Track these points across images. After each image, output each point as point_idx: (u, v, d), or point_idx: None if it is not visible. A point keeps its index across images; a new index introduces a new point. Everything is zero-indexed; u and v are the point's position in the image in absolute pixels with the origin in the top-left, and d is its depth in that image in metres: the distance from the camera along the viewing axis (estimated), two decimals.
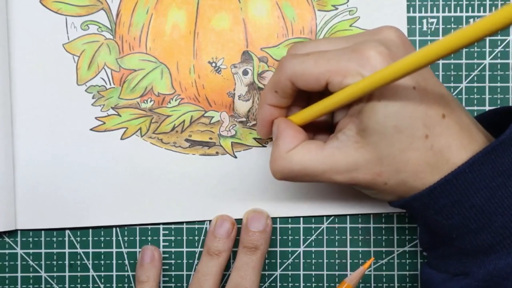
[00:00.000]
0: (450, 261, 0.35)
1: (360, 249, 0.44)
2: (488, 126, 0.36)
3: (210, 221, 0.43)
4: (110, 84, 0.43)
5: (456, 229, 0.34)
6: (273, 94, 0.35)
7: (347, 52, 0.32)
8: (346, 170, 0.33)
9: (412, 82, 0.32)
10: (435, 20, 0.43)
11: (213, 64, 0.43)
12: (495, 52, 0.43)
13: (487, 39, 0.43)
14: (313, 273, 0.44)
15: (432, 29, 0.43)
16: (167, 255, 0.44)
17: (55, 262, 0.44)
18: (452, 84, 0.43)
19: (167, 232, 0.44)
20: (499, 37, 0.43)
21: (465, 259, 0.34)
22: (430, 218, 0.34)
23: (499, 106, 0.38)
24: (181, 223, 0.44)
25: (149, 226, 0.44)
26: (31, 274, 0.44)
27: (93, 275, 0.44)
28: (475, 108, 0.43)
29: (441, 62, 0.43)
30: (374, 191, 0.35)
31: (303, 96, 0.36)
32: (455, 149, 0.32)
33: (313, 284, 0.44)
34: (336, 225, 0.44)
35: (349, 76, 0.32)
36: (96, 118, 0.43)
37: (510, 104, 0.43)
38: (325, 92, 0.34)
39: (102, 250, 0.44)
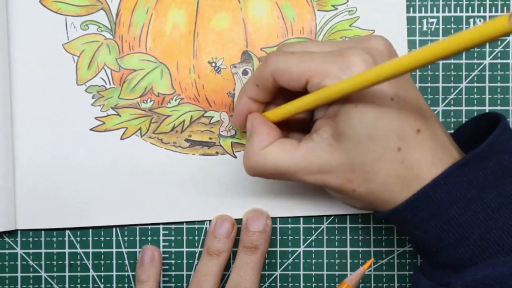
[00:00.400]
0: (435, 270, 0.35)
1: (360, 249, 0.44)
2: (471, 135, 0.37)
3: (210, 221, 0.43)
4: (110, 84, 0.43)
5: (435, 243, 0.34)
6: (254, 87, 0.36)
7: (331, 56, 0.32)
8: (318, 172, 0.34)
9: (391, 93, 0.32)
10: (435, 20, 0.43)
11: (213, 64, 0.43)
12: (495, 52, 0.43)
13: None
14: (313, 273, 0.44)
15: (432, 29, 0.43)
16: (167, 255, 0.44)
17: (55, 262, 0.44)
18: (452, 84, 0.43)
19: (167, 232, 0.44)
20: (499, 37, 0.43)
21: (448, 270, 0.34)
22: (410, 232, 0.35)
23: (483, 113, 0.38)
24: (181, 223, 0.44)
25: (149, 226, 0.44)
26: (31, 274, 0.44)
27: (93, 275, 0.44)
28: (475, 108, 0.43)
29: (441, 62, 0.43)
30: (343, 196, 0.35)
31: (283, 95, 0.37)
32: (426, 166, 0.33)
33: (313, 284, 0.44)
34: (336, 225, 0.44)
35: (328, 78, 0.32)
36: (96, 118, 0.43)
37: (510, 105, 0.43)
38: (305, 92, 0.34)
39: (102, 250, 0.44)
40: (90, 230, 0.44)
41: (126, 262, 0.44)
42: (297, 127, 0.39)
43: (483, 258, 0.32)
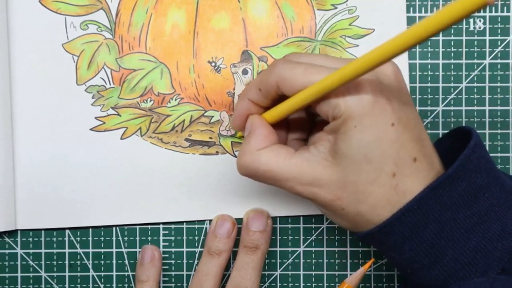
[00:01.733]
0: None
1: (360, 249, 0.44)
2: (448, 150, 0.37)
3: (210, 221, 0.43)
4: (110, 84, 0.43)
5: (410, 264, 0.34)
6: (257, 91, 0.36)
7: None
8: (309, 184, 0.34)
9: (393, 118, 0.32)
10: None
11: (213, 64, 0.43)
12: (495, 52, 0.43)
13: (487, 39, 0.43)
14: (313, 273, 0.44)
15: None
16: (167, 255, 0.44)
17: (55, 262, 0.44)
18: (452, 84, 0.43)
19: (167, 232, 0.44)
20: (499, 37, 0.43)
21: None
22: (385, 253, 0.35)
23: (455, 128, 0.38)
24: (181, 223, 0.44)
25: (149, 226, 0.44)
26: (31, 274, 0.44)
27: (93, 275, 0.44)
28: (475, 108, 0.43)
29: (441, 62, 0.43)
30: (331, 213, 0.35)
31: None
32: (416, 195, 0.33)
33: (313, 284, 0.44)
34: (336, 225, 0.44)
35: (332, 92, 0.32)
36: (96, 118, 0.43)
37: (510, 105, 0.43)
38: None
39: (102, 250, 0.44)
40: (90, 230, 0.44)
41: (126, 262, 0.44)
42: (296, 135, 0.39)
43: (457, 279, 0.33)
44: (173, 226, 0.44)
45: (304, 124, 0.38)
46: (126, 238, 0.44)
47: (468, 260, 0.32)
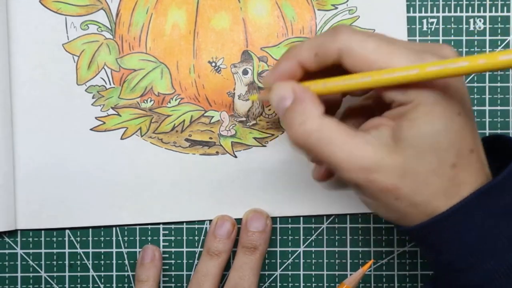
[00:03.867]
0: None
1: (360, 249, 0.44)
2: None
3: (210, 221, 0.43)
4: (110, 84, 0.43)
5: (446, 266, 0.33)
6: (311, 54, 0.32)
7: (411, 54, 0.30)
8: (368, 169, 0.31)
9: (459, 107, 0.31)
10: (435, 20, 0.43)
11: (213, 64, 0.43)
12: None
13: (487, 39, 0.43)
14: (313, 273, 0.44)
15: (432, 29, 0.43)
16: (167, 255, 0.44)
17: (55, 262, 0.44)
18: None
19: (167, 232, 0.44)
20: (499, 37, 0.43)
21: None
22: (423, 251, 0.34)
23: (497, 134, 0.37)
24: (181, 223, 0.44)
25: (149, 226, 0.44)
26: (31, 274, 0.44)
27: (93, 275, 0.44)
28: (475, 108, 0.43)
29: None
30: (379, 204, 0.33)
31: (327, 71, 0.33)
32: (470, 187, 0.31)
33: (313, 284, 0.44)
34: (336, 225, 0.44)
35: None
36: (96, 118, 0.43)
37: (510, 105, 0.43)
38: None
39: (102, 250, 0.44)
40: (90, 230, 0.44)
41: (126, 262, 0.44)
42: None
43: (491, 287, 0.32)
44: (173, 226, 0.44)
45: (336, 99, 0.36)
46: (126, 238, 0.44)
47: (505, 272, 0.31)
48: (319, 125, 0.31)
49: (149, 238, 0.44)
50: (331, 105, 0.35)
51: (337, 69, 0.32)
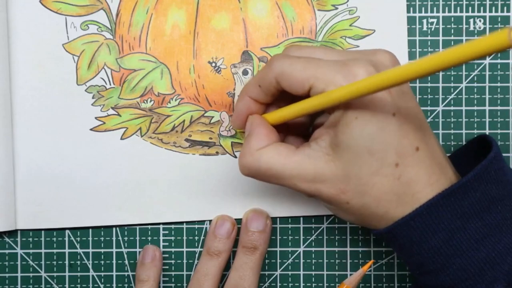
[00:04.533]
0: None
1: (360, 249, 0.44)
2: (471, 156, 0.37)
3: (210, 221, 0.43)
4: (110, 84, 0.43)
5: (418, 267, 0.34)
6: (257, 88, 0.35)
7: (337, 65, 0.32)
8: (312, 180, 0.33)
9: (393, 108, 0.32)
10: (435, 20, 0.43)
11: (213, 64, 0.43)
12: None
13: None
14: (313, 273, 0.44)
15: (432, 29, 0.43)
16: (167, 255, 0.44)
17: (55, 262, 0.44)
18: (452, 84, 0.43)
19: (167, 232, 0.44)
20: None
21: None
22: (396, 253, 0.35)
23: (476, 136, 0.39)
24: (181, 223, 0.44)
25: (149, 226, 0.44)
26: (31, 274, 0.44)
27: (93, 275, 0.44)
28: (475, 108, 0.43)
29: None
30: (336, 208, 0.35)
31: (285, 98, 0.36)
32: (422, 185, 0.32)
33: (313, 284, 0.44)
34: (336, 225, 0.44)
35: (331, 86, 0.32)
36: (96, 118, 0.43)
37: (510, 105, 0.43)
38: (307, 97, 0.34)
39: (102, 250, 0.44)
40: (90, 230, 0.44)
41: (126, 262, 0.44)
42: (295, 133, 0.39)
43: (464, 287, 0.33)
44: (173, 226, 0.44)
45: (303, 122, 0.38)
46: (126, 238, 0.44)
47: (475, 271, 0.32)
48: (254, 160, 0.34)
49: (149, 238, 0.44)
50: (301, 125, 0.38)
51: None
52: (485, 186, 0.32)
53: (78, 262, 0.44)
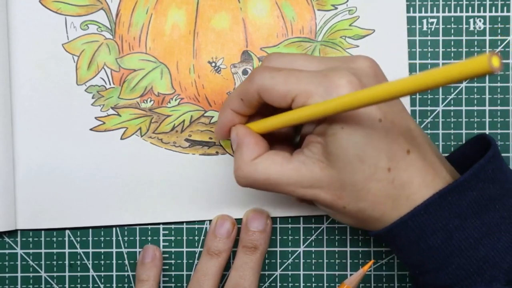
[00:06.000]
0: None
1: (360, 249, 0.44)
2: (471, 155, 0.37)
3: (210, 221, 0.43)
4: (110, 84, 0.43)
5: (417, 267, 0.34)
6: (239, 100, 0.35)
7: (318, 76, 0.32)
8: (310, 186, 0.34)
9: (379, 114, 0.32)
10: (435, 20, 0.43)
11: (213, 64, 0.43)
12: (496, 52, 0.43)
13: (487, 39, 0.43)
14: (313, 273, 0.44)
15: (432, 29, 0.43)
16: (167, 255, 0.44)
17: (55, 262, 0.44)
18: (452, 84, 0.43)
19: (167, 232, 0.44)
20: (499, 37, 0.43)
21: None
22: (395, 254, 0.35)
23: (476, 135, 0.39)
24: (181, 223, 0.44)
25: (149, 226, 0.44)
26: (31, 274, 0.44)
27: (93, 275, 0.44)
28: (475, 108, 0.43)
29: (441, 62, 0.43)
30: (333, 212, 0.35)
31: (268, 108, 0.36)
32: (417, 186, 0.33)
33: (313, 284, 0.44)
34: (336, 225, 0.44)
35: (313, 99, 0.32)
36: (96, 118, 0.43)
37: (510, 105, 0.43)
38: (290, 108, 0.34)
39: (102, 250, 0.44)
40: (90, 230, 0.44)
41: (126, 262, 0.44)
42: (281, 140, 0.38)
43: (463, 286, 0.33)
44: (173, 226, 0.44)
45: (287, 130, 0.38)
46: (126, 238, 0.44)
47: (474, 270, 0.32)
48: (250, 171, 0.34)
49: (149, 238, 0.44)
50: (285, 133, 0.39)
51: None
52: (482, 185, 0.33)
53: (78, 262, 0.44)
